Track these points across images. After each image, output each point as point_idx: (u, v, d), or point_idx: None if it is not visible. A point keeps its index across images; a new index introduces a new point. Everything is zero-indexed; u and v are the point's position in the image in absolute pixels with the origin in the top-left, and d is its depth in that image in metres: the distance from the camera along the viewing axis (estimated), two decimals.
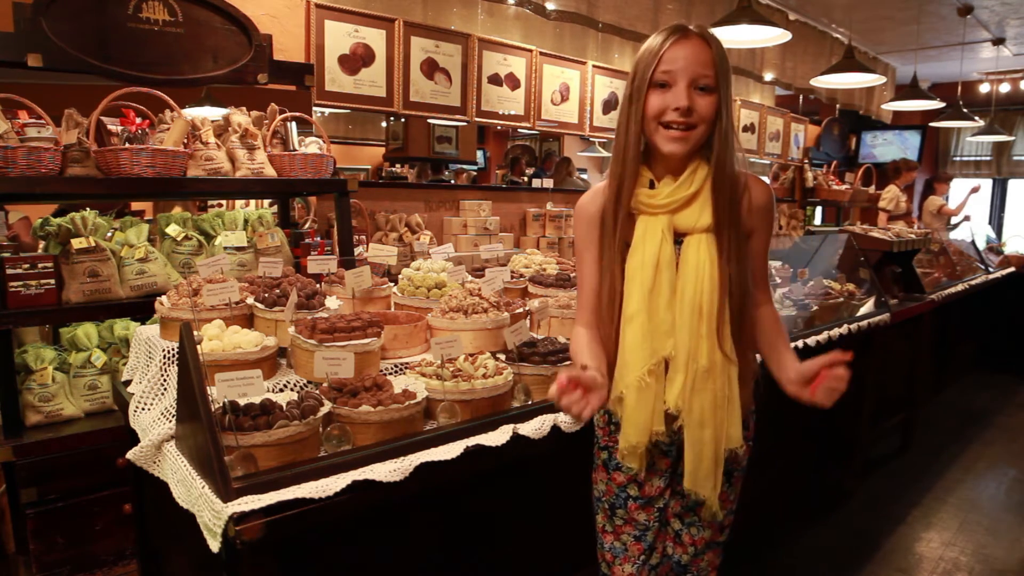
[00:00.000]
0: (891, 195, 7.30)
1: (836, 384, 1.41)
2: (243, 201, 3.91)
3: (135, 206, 4.10)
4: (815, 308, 3.52)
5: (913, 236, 4.47)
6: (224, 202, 3.99)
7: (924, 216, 7.65)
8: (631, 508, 1.60)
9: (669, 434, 1.51)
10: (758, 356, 1.61)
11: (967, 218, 7.48)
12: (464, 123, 4.96)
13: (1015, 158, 9.55)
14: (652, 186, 1.49)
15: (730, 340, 1.47)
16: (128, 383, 2.00)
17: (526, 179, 7.53)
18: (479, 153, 8.29)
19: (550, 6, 4.58)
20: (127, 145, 2.39)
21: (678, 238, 1.47)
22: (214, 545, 1.31)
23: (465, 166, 7.94)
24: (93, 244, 2.42)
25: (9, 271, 2.26)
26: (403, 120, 6.95)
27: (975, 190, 7.52)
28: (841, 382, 1.40)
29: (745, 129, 6.73)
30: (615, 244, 1.49)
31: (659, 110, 1.40)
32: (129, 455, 1.70)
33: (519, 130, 5.99)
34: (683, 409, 1.45)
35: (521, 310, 2.22)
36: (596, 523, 1.69)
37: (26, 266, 2.29)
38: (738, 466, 1.62)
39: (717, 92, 1.40)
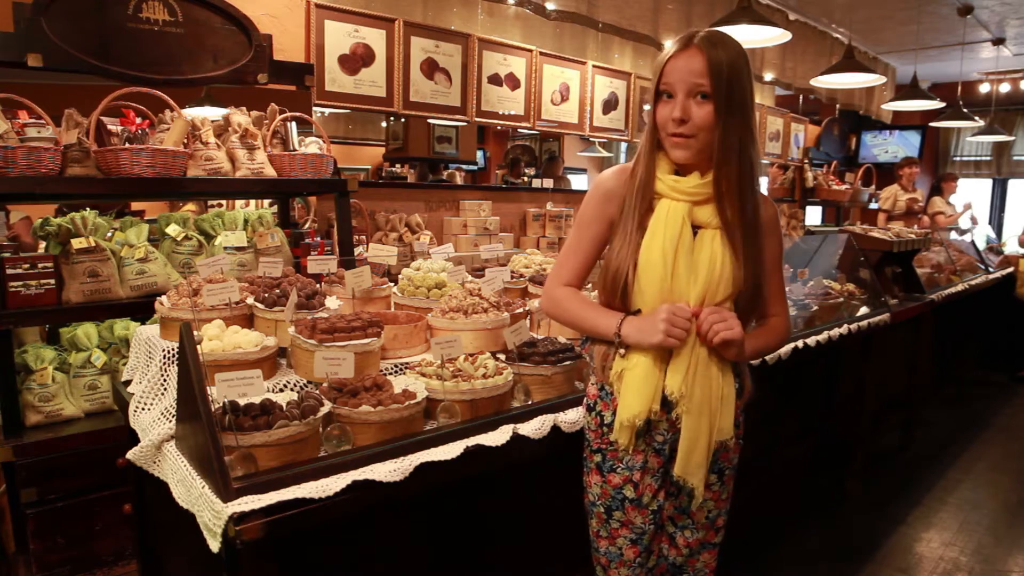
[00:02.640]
0: (887, 194, 7.30)
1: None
2: (243, 201, 3.91)
3: (135, 206, 4.10)
4: (815, 308, 3.52)
5: (913, 236, 4.47)
6: (224, 202, 3.99)
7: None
8: (628, 510, 1.60)
9: (667, 422, 1.53)
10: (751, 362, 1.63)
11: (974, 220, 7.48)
12: (464, 123, 4.95)
13: (1015, 158, 9.55)
14: (678, 175, 1.55)
15: None
16: (128, 383, 2.00)
17: (526, 179, 7.54)
18: (479, 153, 8.29)
19: (550, 6, 4.58)
20: (127, 145, 2.39)
21: (695, 228, 1.52)
22: (214, 545, 1.31)
23: (462, 166, 7.94)
24: (93, 244, 2.42)
25: (9, 271, 2.26)
26: (403, 120, 6.95)
27: (967, 207, 7.50)
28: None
29: None
30: (633, 223, 1.52)
31: (663, 121, 1.48)
32: (129, 455, 1.70)
33: (519, 130, 5.99)
34: (685, 396, 1.48)
35: (521, 310, 2.22)
36: (590, 528, 1.69)
37: (26, 266, 2.29)
38: (729, 464, 1.63)
39: (714, 100, 1.43)
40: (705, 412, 1.50)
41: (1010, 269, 6.28)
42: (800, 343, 2.86)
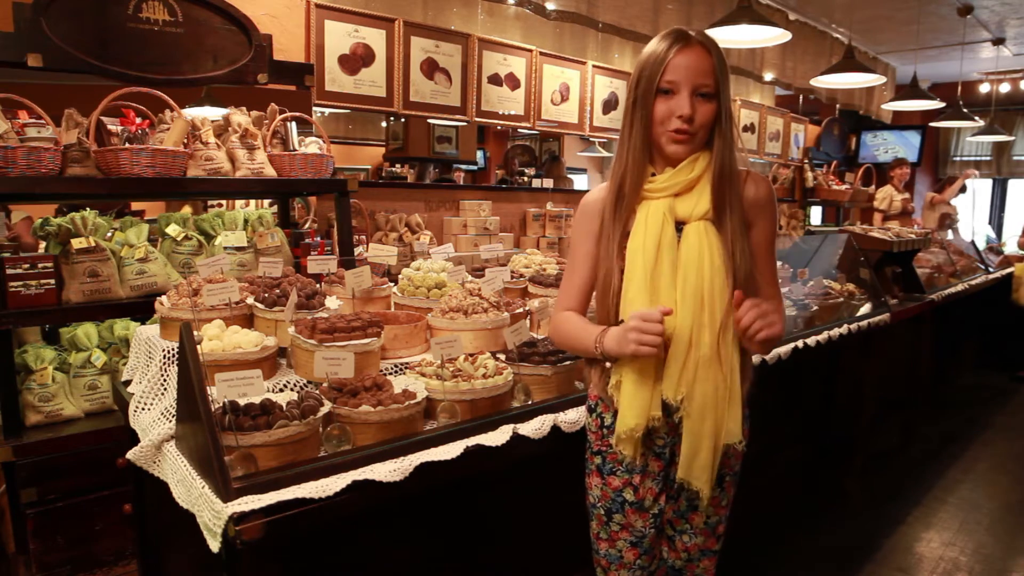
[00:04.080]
0: (883, 195, 7.34)
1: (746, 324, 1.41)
2: (243, 201, 3.90)
3: (135, 206, 4.10)
4: (815, 308, 3.52)
5: (913, 236, 4.47)
6: (224, 202, 3.99)
7: (923, 212, 7.69)
8: (628, 513, 1.60)
9: (667, 426, 1.52)
10: (754, 358, 1.61)
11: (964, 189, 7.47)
12: (464, 123, 4.96)
13: (1015, 158, 9.56)
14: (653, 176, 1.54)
15: (732, 330, 1.47)
16: (128, 383, 2.00)
17: (526, 179, 7.53)
18: (479, 153, 8.29)
19: (550, 6, 4.58)
20: (127, 145, 2.39)
21: (678, 225, 1.50)
22: (214, 545, 1.31)
23: (461, 166, 7.94)
24: (93, 244, 2.42)
25: (9, 271, 2.26)
26: (403, 120, 6.95)
27: (967, 175, 7.48)
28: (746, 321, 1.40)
29: (745, 129, 6.73)
30: (614, 234, 1.52)
31: (664, 116, 1.46)
32: (129, 455, 1.70)
33: (519, 130, 5.99)
34: (685, 398, 1.46)
35: (521, 310, 2.22)
36: (590, 530, 1.69)
37: (26, 266, 2.29)
38: (731, 471, 1.62)
39: (717, 98, 1.46)
40: (709, 414, 1.47)
41: (1010, 269, 6.28)
42: (800, 343, 2.86)
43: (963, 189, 7.77)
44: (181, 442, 1.59)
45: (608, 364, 1.56)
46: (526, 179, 7.50)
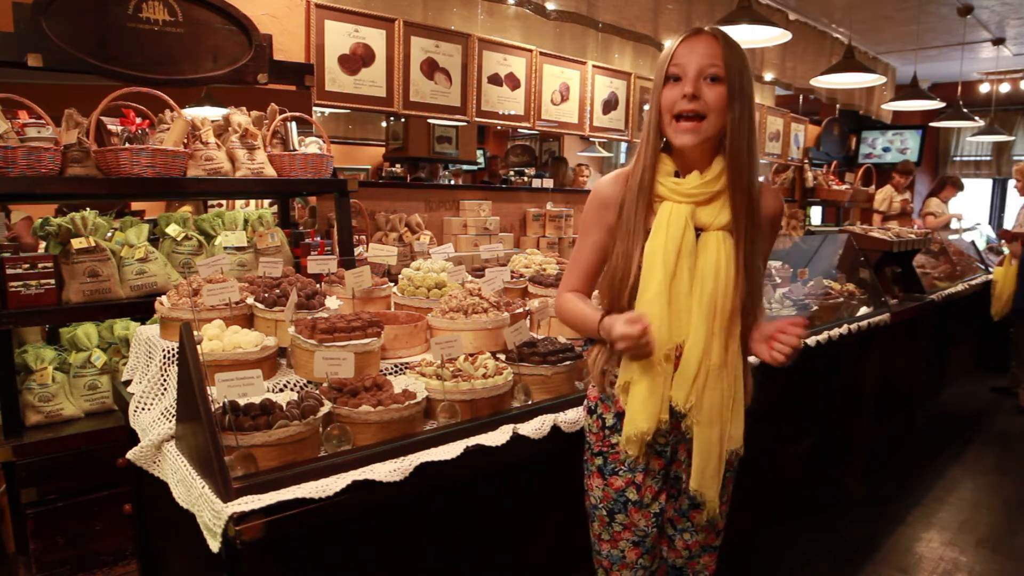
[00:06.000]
0: (882, 196, 7.35)
1: (787, 342, 1.45)
2: (243, 201, 3.91)
3: (135, 206, 4.10)
4: (815, 308, 3.51)
5: (913, 236, 4.47)
6: (224, 202, 3.99)
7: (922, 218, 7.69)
8: (631, 512, 1.60)
9: (669, 425, 1.52)
10: (752, 359, 1.61)
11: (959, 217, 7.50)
12: (464, 123, 4.96)
13: (1015, 158, 9.54)
14: (677, 176, 1.53)
15: (738, 339, 1.50)
16: (128, 383, 2.00)
17: (526, 179, 7.51)
18: (479, 153, 8.28)
19: (550, 6, 4.58)
20: (127, 145, 2.39)
21: (696, 232, 1.50)
22: (214, 545, 1.31)
23: (462, 166, 7.93)
24: (93, 244, 2.42)
25: (9, 271, 2.26)
26: (403, 120, 6.95)
27: (959, 218, 7.52)
28: (792, 340, 1.45)
29: None
30: (635, 227, 1.51)
31: (671, 102, 1.45)
32: (129, 455, 1.71)
33: (519, 130, 5.99)
34: (694, 407, 1.46)
35: (521, 310, 2.22)
36: (591, 531, 1.69)
37: (26, 266, 2.29)
38: (730, 467, 1.62)
39: (727, 83, 1.43)
40: (716, 421, 1.48)
41: None
42: (800, 343, 2.86)
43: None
44: (181, 442, 1.59)
45: (607, 366, 1.57)
46: (525, 179, 7.49)
